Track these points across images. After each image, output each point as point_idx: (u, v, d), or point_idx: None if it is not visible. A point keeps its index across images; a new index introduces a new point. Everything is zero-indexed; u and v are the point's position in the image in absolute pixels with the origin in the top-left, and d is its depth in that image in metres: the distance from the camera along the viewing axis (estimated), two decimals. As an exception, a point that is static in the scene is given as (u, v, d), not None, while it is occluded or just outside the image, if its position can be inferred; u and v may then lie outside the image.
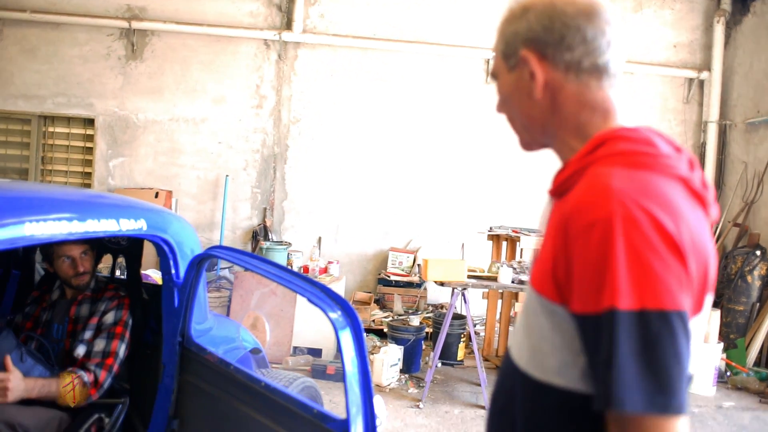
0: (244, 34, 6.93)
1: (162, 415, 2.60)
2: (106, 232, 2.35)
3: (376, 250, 7.02)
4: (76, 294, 2.75)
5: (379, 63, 7.01)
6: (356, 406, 2.00)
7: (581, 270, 0.95)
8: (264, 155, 7.05)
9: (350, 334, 2.04)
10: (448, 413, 4.68)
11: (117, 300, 2.71)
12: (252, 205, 7.05)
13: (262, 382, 2.28)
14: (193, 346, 2.57)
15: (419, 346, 5.52)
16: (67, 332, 2.69)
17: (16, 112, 7.08)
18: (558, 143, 1.16)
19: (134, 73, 7.02)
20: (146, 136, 7.05)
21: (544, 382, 1.05)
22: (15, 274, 3.16)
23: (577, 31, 1.08)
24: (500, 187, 7.05)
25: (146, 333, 2.95)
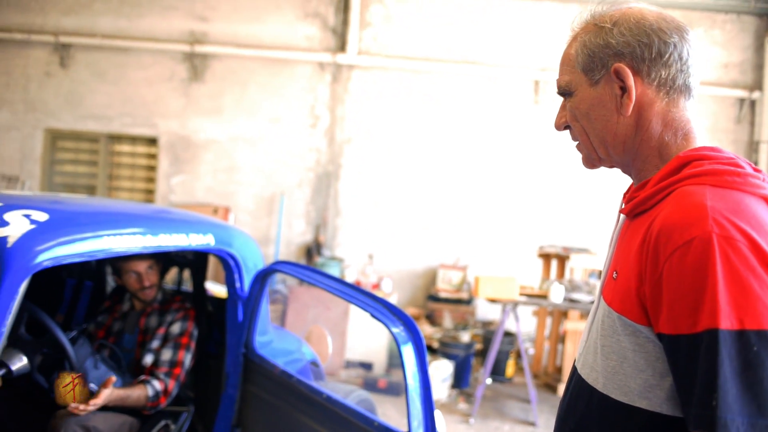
0: (300, 56, 7.14)
1: (225, 424, 2.71)
2: (177, 246, 2.49)
3: (426, 267, 7.08)
4: (145, 306, 2.90)
5: (430, 84, 7.11)
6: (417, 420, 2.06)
7: (675, 289, 0.93)
8: (318, 173, 7.23)
9: (412, 349, 2.10)
10: (498, 429, 4.69)
11: (183, 311, 2.84)
12: (306, 222, 7.22)
13: (323, 393, 2.37)
14: (256, 358, 2.68)
15: (469, 362, 5.54)
16: (137, 342, 2.84)
17: (86, 132, 7.47)
18: (638, 162, 1.13)
19: (196, 95, 7.32)
20: (206, 154, 7.32)
21: (626, 404, 1.03)
22: (88, 285, 3.35)
23: (674, 48, 1.07)
24: (550, 205, 7.02)
25: (210, 344, 3.08)
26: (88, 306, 3.27)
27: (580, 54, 1.14)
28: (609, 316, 1.06)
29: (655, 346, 0.99)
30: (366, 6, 7.16)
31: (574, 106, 1.17)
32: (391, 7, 7.15)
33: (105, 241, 2.24)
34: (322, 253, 6.91)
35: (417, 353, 2.12)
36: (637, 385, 1.01)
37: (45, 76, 7.48)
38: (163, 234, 2.44)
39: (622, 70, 1.08)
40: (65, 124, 7.47)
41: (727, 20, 6.92)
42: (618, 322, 1.04)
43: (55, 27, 7.38)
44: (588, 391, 1.11)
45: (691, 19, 6.88)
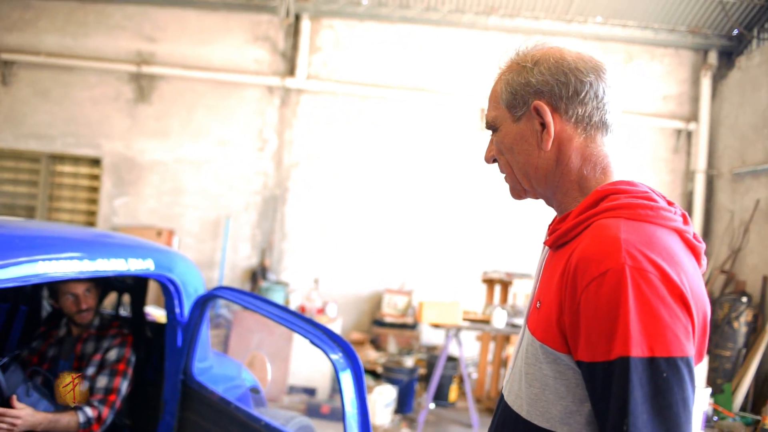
0: (249, 80, 7.17)
1: (161, 451, 2.69)
2: (115, 271, 2.47)
3: (372, 291, 7.13)
4: (82, 331, 2.85)
5: (378, 109, 7.24)
6: (354, 446, 2.10)
7: (591, 319, 0.97)
8: (265, 197, 7.22)
9: (351, 376, 2.14)
10: (441, 455, 4.74)
11: (120, 338, 2.81)
12: (252, 245, 7.19)
13: (262, 420, 2.38)
14: (195, 384, 2.67)
15: (412, 387, 5.59)
16: (72, 369, 2.79)
17: (26, 152, 7.28)
18: (559, 194, 1.19)
19: (142, 116, 7.24)
20: (151, 176, 7.23)
21: (548, 431, 1.06)
22: (23, 309, 3.26)
23: (590, 87, 1.12)
24: (493, 231, 7.19)
25: (148, 370, 3.04)
26: (22, 331, 3.19)
27: (504, 91, 1.20)
28: (532, 344, 1.10)
29: (575, 373, 1.03)
30: (316, 31, 7.26)
31: (499, 141, 1.23)
32: (341, 32, 7.28)
33: (40, 266, 2.21)
34: (267, 277, 6.88)
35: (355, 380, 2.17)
36: (558, 411, 1.05)
37: (-16, 93, 7.28)
38: (101, 259, 2.42)
39: (541, 108, 1.14)
40: (5, 143, 7.27)
41: (666, 54, 7.29)
42: (540, 350, 1.07)
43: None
44: (513, 418, 1.14)
45: (632, 52, 7.23)
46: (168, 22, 7.27)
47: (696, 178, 7.04)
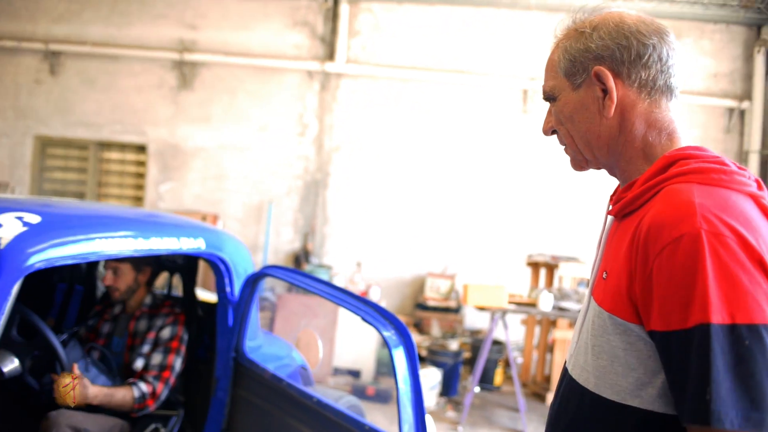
0: (289, 65, 7.18)
1: (215, 428, 2.72)
2: (168, 249, 2.51)
3: (414, 275, 7.10)
4: (135, 310, 2.91)
5: (419, 92, 7.17)
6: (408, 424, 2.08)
7: (665, 286, 0.94)
8: (306, 181, 7.25)
9: (403, 353, 2.12)
10: (487, 438, 4.71)
11: (173, 316, 2.85)
12: (294, 230, 7.24)
13: (314, 397, 2.38)
14: (246, 362, 2.69)
15: (457, 370, 5.57)
16: (126, 346, 2.85)
17: (75, 139, 7.45)
18: (622, 163, 1.15)
19: (185, 102, 7.33)
20: (195, 162, 7.33)
21: (618, 403, 1.04)
22: (78, 289, 3.35)
23: (653, 49, 1.09)
24: (538, 214, 7.08)
25: (200, 349, 3.08)
26: (78, 310, 3.27)
27: (562, 60, 1.17)
28: (599, 316, 1.08)
29: (646, 344, 1.00)
30: (355, 15, 7.22)
31: (558, 111, 1.20)
32: (380, 15, 7.22)
33: (96, 244, 2.25)
34: (310, 260, 6.92)
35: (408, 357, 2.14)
36: (628, 383, 1.02)
37: (35, 84, 7.47)
38: (154, 237, 2.45)
39: (603, 73, 1.11)
40: (55, 132, 7.46)
41: (716, 30, 7.03)
42: (608, 321, 1.05)
43: (46, 35, 7.38)
44: (579, 392, 1.12)
45: (680, 29, 6.99)
46: (209, 10, 7.32)
47: (749, 158, 6.80)
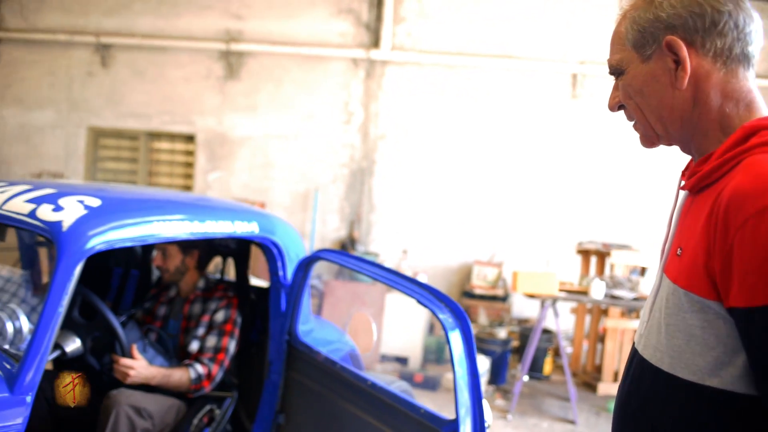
0: (334, 53, 7.17)
1: (268, 410, 2.74)
2: (223, 233, 2.53)
3: (461, 263, 7.04)
4: (189, 293, 2.96)
5: (465, 79, 7.08)
6: (465, 408, 2.05)
7: (748, 260, 0.90)
8: (352, 169, 7.25)
9: (460, 335, 2.09)
10: (537, 426, 4.64)
11: (226, 300, 2.89)
12: (340, 217, 7.25)
13: (368, 380, 2.38)
14: (300, 345, 2.70)
15: (506, 359, 5.50)
16: (181, 328, 2.90)
17: (126, 130, 7.62)
18: (697, 137, 1.10)
19: (231, 92, 7.41)
20: (242, 150, 7.40)
21: (695, 383, 1.00)
22: (134, 273, 3.42)
23: (729, 16, 1.04)
24: (587, 201, 6.93)
25: (253, 332, 3.11)
26: (134, 293, 3.34)
27: (629, 31, 1.12)
28: (674, 293, 1.04)
29: (725, 322, 0.96)
30: (400, 1, 7.16)
31: (626, 84, 1.15)
32: (425, 1, 7.13)
33: (154, 227, 2.28)
34: (357, 248, 6.93)
35: (464, 340, 2.11)
36: (706, 363, 0.99)
37: (87, 76, 7.65)
38: (209, 221, 2.48)
39: (675, 43, 1.06)
40: (107, 123, 7.63)
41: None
42: (684, 299, 1.01)
43: (97, 28, 7.54)
44: (652, 372, 1.08)
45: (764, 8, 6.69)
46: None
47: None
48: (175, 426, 2.61)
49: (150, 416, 2.43)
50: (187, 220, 2.40)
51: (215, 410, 2.74)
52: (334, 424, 2.52)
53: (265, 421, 2.71)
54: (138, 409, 2.39)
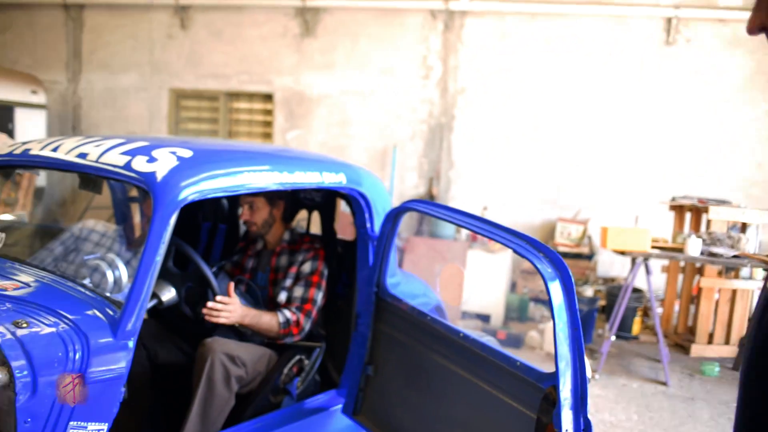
0: (411, 5, 6.99)
1: (357, 361, 2.73)
2: (311, 183, 2.50)
3: (544, 220, 6.84)
4: (275, 245, 2.97)
5: (548, 28, 6.75)
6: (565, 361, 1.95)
7: None
8: (431, 125, 7.12)
9: (559, 285, 1.98)
10: (626, 386, 4.49)
11: (313, 251, 2.88)
12: (419, 175, 7.17)
13: (459, 332, 2.31)
14: (388, 297, 2.66)
15: (592, 318, 5.33)
16: (269, 280, 2.92)
17: (206, 91, 7.76)
18: None
19: (308, 50, 7.38)
20: (319, 109, 7.40)
21: None
22: (222, 227, 3.47)
23: None
24: (679, 155, 6.54)
25: (339, 286, 3.11)
26: (222, 247, 3.40)
27: None
28: None
29: None
30: (479, -51, 6.87)
31: None
32: (506, -52, 6.81)
33: (244, 177, 2.28)
34: (436, 206, 6.84)
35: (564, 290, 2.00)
36: None
37: (167, 38, 7.80)
38: (298, 171, 2.45)
39: None
40: (187, 84, 7.79)
41: None
42: None
43: (176, -11, 7.65)
44: None
45: None
46: (329, -46, 7.25)
47: None
48: (267, 374, 2.65)
49: (243, 364, 2.47)
50: (276, 171, 2.38)
51: (304, 360, 2.76)
52: (423, 376, 2.48)
53: (354, 373, 2.71)
54: (232, 356, 2.43)
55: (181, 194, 2.08)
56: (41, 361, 1.77)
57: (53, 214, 7.64)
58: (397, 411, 2.56)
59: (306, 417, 2.69)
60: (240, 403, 2.54)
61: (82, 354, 1.86)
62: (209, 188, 2.16)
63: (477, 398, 2.24)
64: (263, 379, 2.64)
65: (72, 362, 1.83)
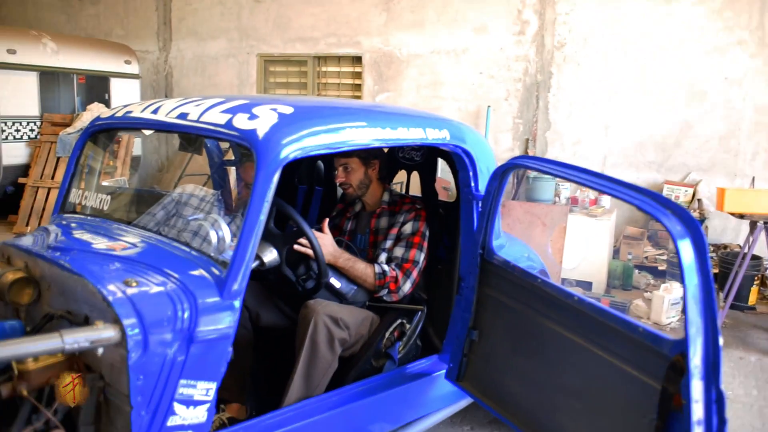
0: (505, -43, 6.66)
1: (459, 327, 2.62)
2: (414, 140, 2.39)
3: (648, 183, 6.42)
4: (375, 207, 2.89)
5: (654, -25, 6.25)
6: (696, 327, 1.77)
7: None
8: (526, 84, 6.81)
9: (690, 245, 1.79)
10: (743, 360, 4.18)
11: (414, 212, 2.79)
12: (513, 136, 6.90)
13: (574, 296, 2.16)
14: (494, 259, 2.52)
15: (704, 287, 4.98)
16: (369, 242, 2.85)
17: (294, 55, 7.76)
18: None
19: (397, 9, 7.20)
20: (409, 70, 7.24)
21: None
22: (318, 190, 3.43)
23: None
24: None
25: (440, 249, 3.00)
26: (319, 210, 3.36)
27: None
28: None
29: None
30: None
31: None
32: None
33: (347, 133, 2.20)
34: (531, 168, 6.58)
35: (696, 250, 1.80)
36: None
37: (255, 3, 7.82)
38: (401, 128, 2.35)
39: None
40: (275, 49, 7.82)
41: None
42: None
43: (263, -48, 7.63)
44: None
45: None
46: None
47: None
48: (369, 338, 2.60)
49: (346, 326, 2.43)
50: (379, 127, 2.29)
51: (405, 324, 2.69)
52: (533, 342, 2.35)
53: (457, 338, 2.61)
54: (335, 318, 2.38)
55: (283, 152, 2.02)
56: (151, 319, 1.77)
57: (150, 180, 7.95)
58: (504, 378, 2.45)
59: (408, 382, 2.63)
60: (342, 366, 2.50)
61: (191, 313, 1.85)
62: (311, 145, 2.09)
63: (593, 366, 2.09)
64: (365, 343, 2.59)
65: (181, 321, 1.83)
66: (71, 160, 2.74)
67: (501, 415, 2.41)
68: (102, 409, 1.83)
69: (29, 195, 6.93)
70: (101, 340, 1.66)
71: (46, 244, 2.24)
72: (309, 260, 2.51)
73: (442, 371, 2.71)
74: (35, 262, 2.07)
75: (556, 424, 2.21)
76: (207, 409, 1.90)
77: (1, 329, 1.95)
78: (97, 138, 2.81)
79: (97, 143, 2.84)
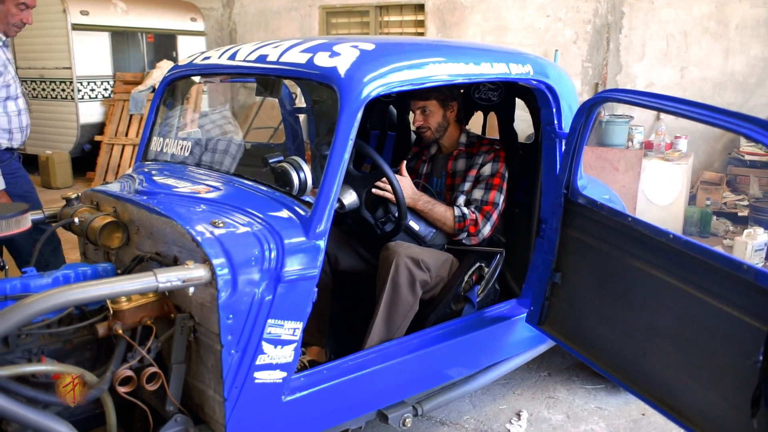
0: None
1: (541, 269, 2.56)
2: (497, 75, 2.31)
3: (728, 127, 6.10)
4: (452, 149, 2.83)
5: None
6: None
7: None
8: (596, 26, 6.51)
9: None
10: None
11: (494, 153, 2.73)
12: (582, 81, 6.64)
13: (669, 234, 2.06)
14: (580, 199, 2.44)
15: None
16: (446, 185, 2.81)
17: (356, 5, 7.65)
18: None
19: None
20: (473, 16, 7.03)
21: None
22: (391, 135, 3.40)
23: None
24: None
25: (517, 192, 2.93)
26: (393, 155, 3.33)
27: None
28: None
29: None
30: None
31: None
32: None
33: (430, 69, 2.15)
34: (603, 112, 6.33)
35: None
36: None
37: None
38: (484, 63, 2.27)
39: None
40: (337, 1, 7.70)
41: None
42: None
43: None
44: None
45: None
46: None
47: None
48: (449, 280, 2.58)
49: (427, 268, 2.41)
50: (462, 62, 2.22)
51: (484, 268, 2.65)
52: (621, 284, 2.26)
53: (539, 281, 2.55)
54: (416, 260, 2.37)
55: (366, 89, 1.98)
56: (240, 259, 1.79)
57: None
58: (589, 321, 2.38)
59: (488, 325, 2.61)
60: (422, 309, 2.49)
61: (277, 253, 1.86)
62: (395, 81, 2.05)
63: (688, 307, 2.00)
64: (445, 286, 2.57)
65: (268, 261, 1.84)
66: (151, 109, 2.78)
67: (587, 358, 2.36)
68: (192, 348, 1.88)
69: (105, 152, 7.16)
70: (192, 279, 1.68)
71: (133, 189, 2.28)
72: (387, 203, 2.49)
73: (521, 315, 2.67)
74: (124, 207, 2.12)
75: (647, 367, 2.14)
76: (294, 349, 1.92)
77: (95, 271, 2.01)
78: (175, 87, 2.83)
79: (176, 92, 2.88)
